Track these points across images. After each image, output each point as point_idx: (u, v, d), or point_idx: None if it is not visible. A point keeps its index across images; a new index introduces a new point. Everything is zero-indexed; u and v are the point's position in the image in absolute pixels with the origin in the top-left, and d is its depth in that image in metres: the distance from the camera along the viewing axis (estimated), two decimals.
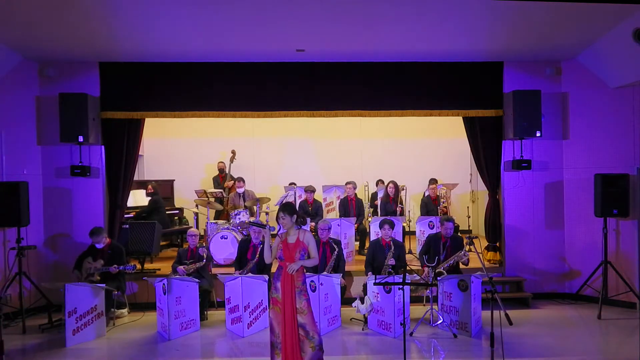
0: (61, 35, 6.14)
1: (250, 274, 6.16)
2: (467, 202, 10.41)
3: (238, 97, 7.26)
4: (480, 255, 6.56)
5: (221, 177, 9.76)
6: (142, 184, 9.37)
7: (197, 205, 8.90)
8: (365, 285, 6.17)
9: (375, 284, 5.63)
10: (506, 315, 4.18)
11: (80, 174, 6.96)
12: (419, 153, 10.91)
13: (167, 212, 8.86)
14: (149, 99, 7.22)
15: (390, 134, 10.82)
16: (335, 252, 6.32)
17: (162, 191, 9.09)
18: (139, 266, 7.38)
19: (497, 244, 7.64)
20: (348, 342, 5.70)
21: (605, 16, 5.77)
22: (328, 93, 7.31)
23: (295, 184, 9.51)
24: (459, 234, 6.46)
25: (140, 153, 8.33)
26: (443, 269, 6.23)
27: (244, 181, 8.80)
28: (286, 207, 4.45)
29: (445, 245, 6.34)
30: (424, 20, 5.84)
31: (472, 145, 7.67)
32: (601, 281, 6.76)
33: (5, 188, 6.38)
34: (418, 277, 6.13)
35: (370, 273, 6.29)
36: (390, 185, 8.60)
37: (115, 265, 6.16)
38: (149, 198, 8.72)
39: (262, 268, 6.41)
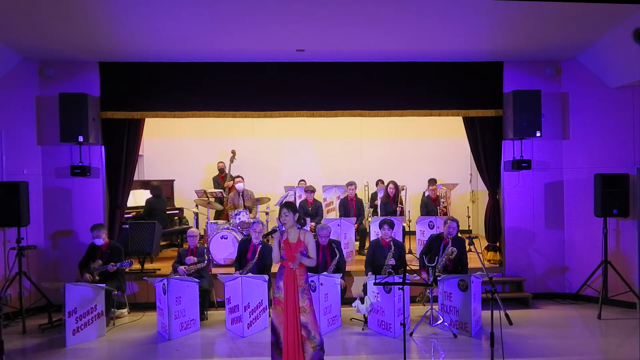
0: (61, 35, 6.13)
1: (250, 274, 6.16)
2: (467, 202, 10.42)
3: (238, 97, 7.26)
4: (480, 255, 6.57)
5: (221, 177, 9.77)
6: (143, 184, 9.36)
7: (197, 205, 8.89)
8: (365, 285, 6.17)
9: (375, 284, 5.62)
10: (506, 315, 4.19)
11: (80, 174, 6.95)
12: (419, 153, 10.92)
13: (167, 212, 8.84)
14: (149, 99, 7.22)
15: (390, 134, 10.83)
16: (336, 259, 6.31)
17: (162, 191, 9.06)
18: (138, 266, 7.39)
19: (497, 244, 7.65)
20: (348, 342, 5.70)
21: (605, 16, 5.76)
22: (328, 93, 7.31)
23: (304, 181, 9.51)
24: (459, 234, 6.43)
25: (140, 153, 8.32)
26: (438, 271, 6.22)
27: (242, 178, 8.83)
28: (289, 205, 4.57)
29: (445, 247, 6.31)
30: (424, 20, 5.83)
31: (472, 145, 7.67)
32: (601, 281, 6.76)
33: (5, 188, 6.39)
34: (418, 278, 6.12)
35: (370, 273, 6.29)
36: (390, 185, 8.61)
37: (112, 264, 6.15)
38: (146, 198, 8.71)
39: (262, 268, 6.42)
